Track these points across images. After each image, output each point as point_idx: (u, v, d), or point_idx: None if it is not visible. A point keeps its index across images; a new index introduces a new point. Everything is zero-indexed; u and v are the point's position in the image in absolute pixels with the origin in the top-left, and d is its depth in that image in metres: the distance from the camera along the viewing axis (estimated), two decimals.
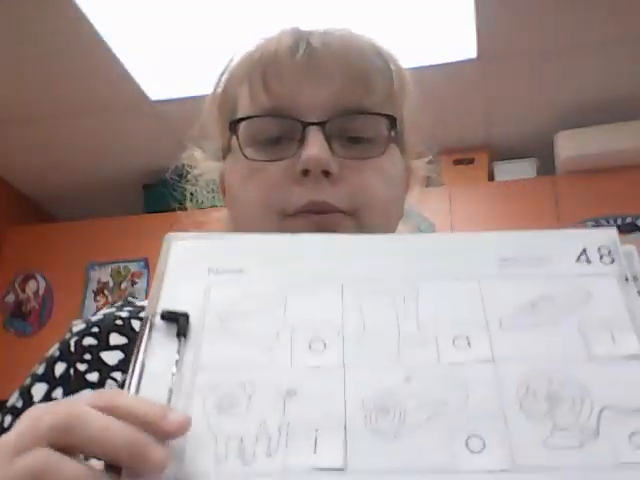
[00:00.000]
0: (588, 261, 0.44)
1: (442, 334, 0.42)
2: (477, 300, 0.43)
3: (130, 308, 0.59)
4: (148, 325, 0.42)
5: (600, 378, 0.39)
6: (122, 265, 2.66)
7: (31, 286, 2.72)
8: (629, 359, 0.39)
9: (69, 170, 2.76)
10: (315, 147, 0.54)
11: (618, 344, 0.40)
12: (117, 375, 0.52)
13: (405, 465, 0.36)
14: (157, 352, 0.41)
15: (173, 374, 0.40)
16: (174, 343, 0.42)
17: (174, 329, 0.42)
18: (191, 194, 0.69)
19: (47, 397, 0.52)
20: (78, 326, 0.57)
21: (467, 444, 0.37)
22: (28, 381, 0.54)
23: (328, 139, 0.55)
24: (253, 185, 0.57)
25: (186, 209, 0.70)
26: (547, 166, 2.57)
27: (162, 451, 0.34)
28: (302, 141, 0.55)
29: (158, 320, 0.42)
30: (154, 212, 2.62)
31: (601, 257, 0.44)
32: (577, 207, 2.37)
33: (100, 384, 0.51)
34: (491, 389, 0.39)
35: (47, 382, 0.53)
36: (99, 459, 0.34)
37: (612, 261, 0.44)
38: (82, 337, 0.55)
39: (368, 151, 0.57)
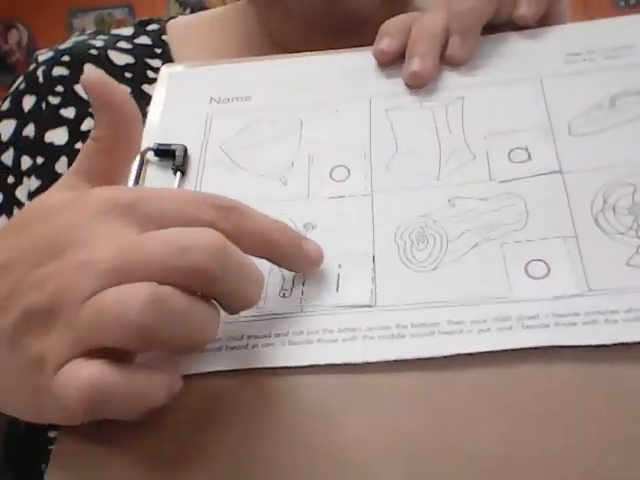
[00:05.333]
0: None
1: (494, 147, 0.33)
2: (538, 103, 0.34)
3: (105, 37, 0.49)
4: (140, 162, 0.36)
5: None
6: (106, 12, 2.54)
7: (13, 36, 2.61)
8: None
9: None
10: None
11: None
12: None
13: (446, 297, 0.29)
14: None
15: None
16: (171, 179, 0.35)
17: (170, 165, 0.35)
18: None
19: (17, 135, 0.45)
20: (45, 54, 0.48)
21: (526, 270, 0.29)
22: None
23: None
24: None
25: None
26: None
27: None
28: None
29: (152, 156, 0.36)
30: None
31: None
32: None
33: (77, 121, 0.44)
34: (558, 205, 0.31)
35: (15, 117, 0.45)
36: None
37: None
38: (51, 67, 0.46)
39: None
